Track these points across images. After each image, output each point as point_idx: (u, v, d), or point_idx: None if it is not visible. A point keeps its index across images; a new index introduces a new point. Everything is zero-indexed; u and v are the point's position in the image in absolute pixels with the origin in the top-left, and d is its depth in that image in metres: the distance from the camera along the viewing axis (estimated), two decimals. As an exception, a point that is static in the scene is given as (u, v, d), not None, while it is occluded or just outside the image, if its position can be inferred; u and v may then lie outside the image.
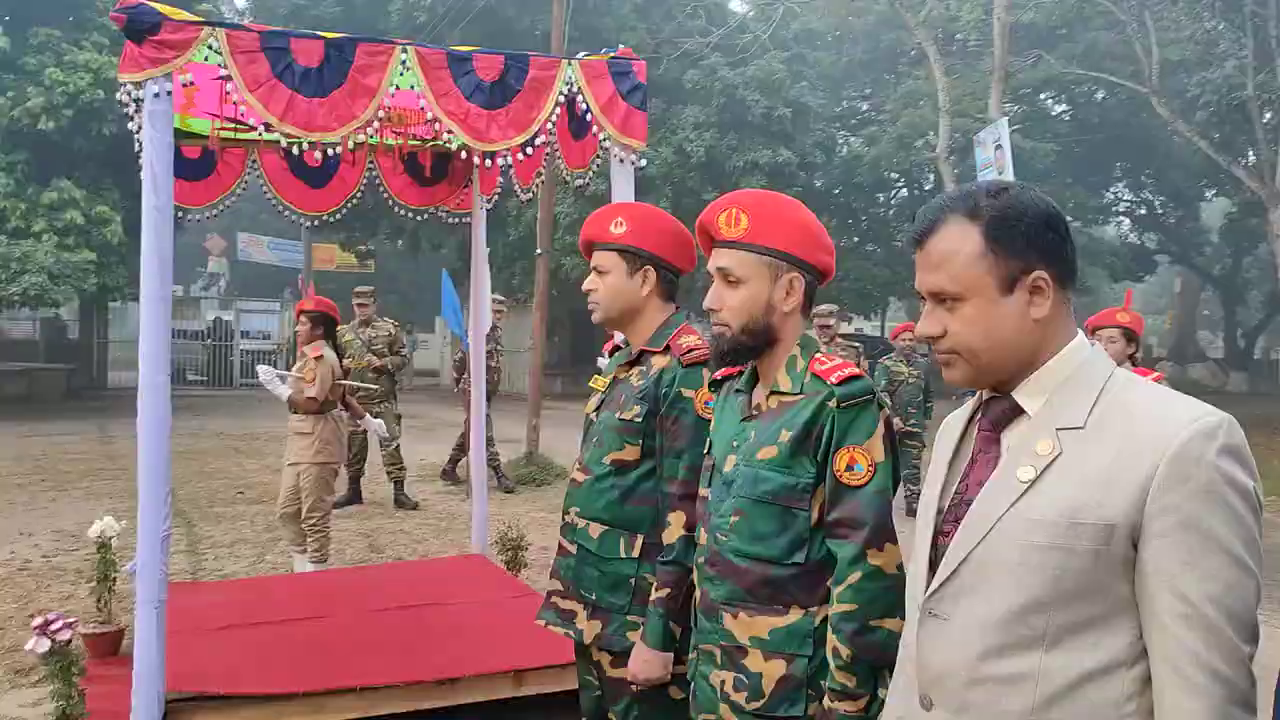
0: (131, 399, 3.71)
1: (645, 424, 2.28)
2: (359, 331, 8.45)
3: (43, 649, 3.28)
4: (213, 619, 4.38)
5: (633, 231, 2.37)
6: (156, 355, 3.32)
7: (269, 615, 4.43)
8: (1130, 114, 26.91)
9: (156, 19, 3.21)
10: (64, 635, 3.32)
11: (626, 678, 2.27)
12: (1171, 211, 32.82)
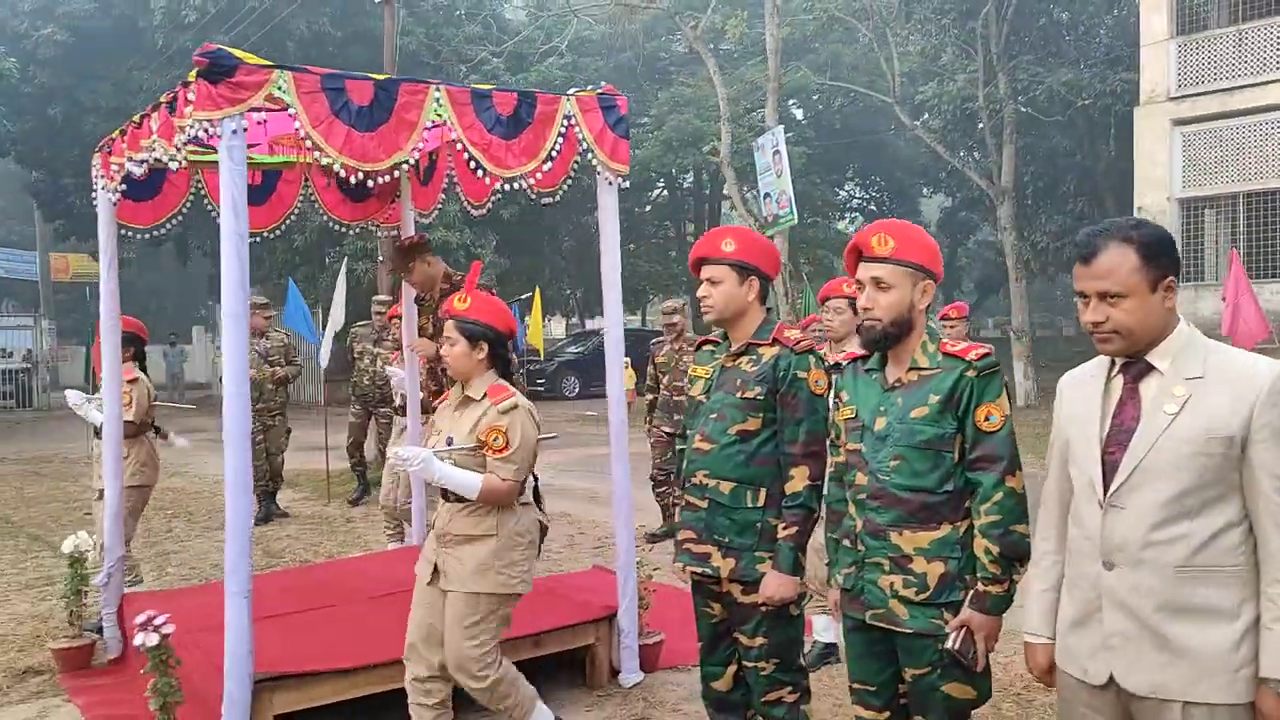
0: None
1: (765, 401, 2.94)
2: (255, 343, 8.42)
3: (152, 643, 3.47)
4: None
5: (740, 249, 3.01)
6: (239, 369, 3.58)
7: (293, 605, 4.66)
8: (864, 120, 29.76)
9: (234, 63, 3.50)
10: (167, 629, 3.52)
11: (757, 601, 2.93)
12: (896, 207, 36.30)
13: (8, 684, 4.76)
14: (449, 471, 3.28)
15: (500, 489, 3.30)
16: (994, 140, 19.15)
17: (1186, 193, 17.00)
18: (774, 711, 2.99)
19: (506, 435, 3.30)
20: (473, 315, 3.42)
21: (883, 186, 35.27)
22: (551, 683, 4.55)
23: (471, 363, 3.41)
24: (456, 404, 3.50)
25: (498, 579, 3.34)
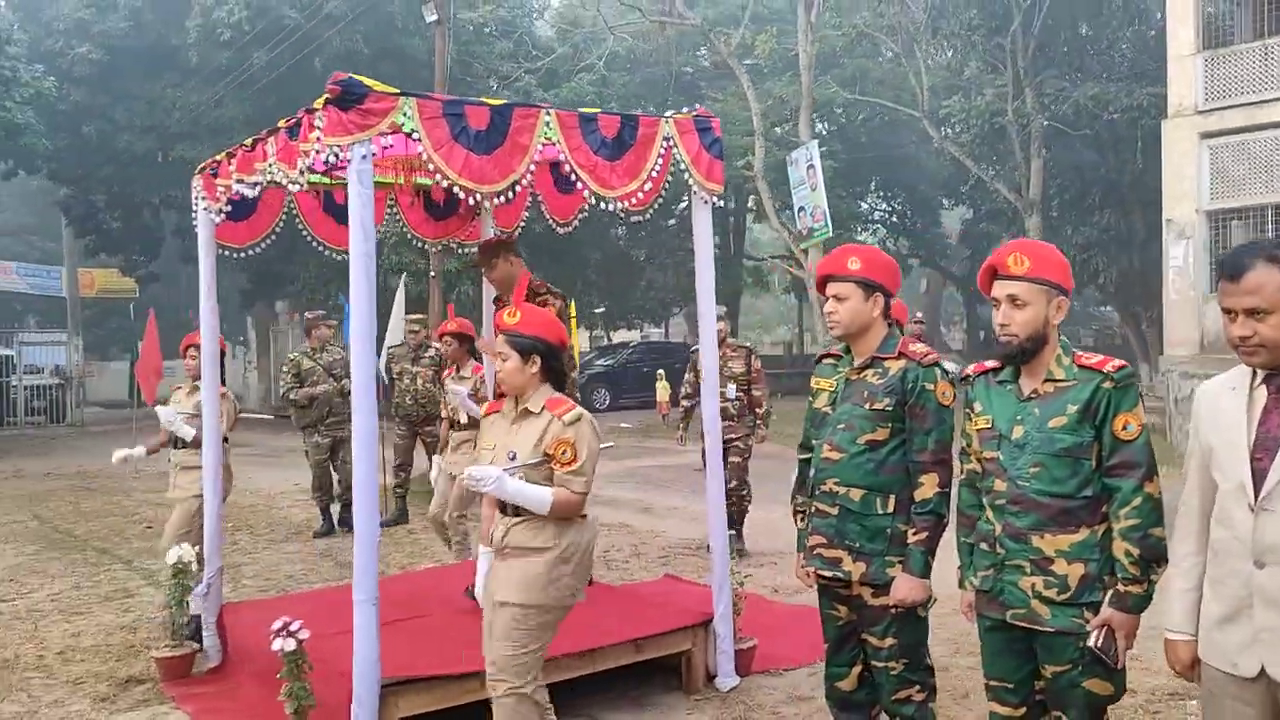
0: None
1: (894, 412, 3.07)
2: (317, 357, 8.58)
3: (290, 648, 3.61)
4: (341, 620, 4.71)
5: (865, 267, 3.15)
6: (367, 382, 3.73)
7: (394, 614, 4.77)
8: (888, 133, 29.91)
9: (364, 90, 3.66)
10: (303, 635, 3.66)
11: (888, 603, 3.05)
12: (917, 220, 36.35)
13: (113, 692, 4.90)
14: (522, 488, 3.28)
15: (572, 501, 3.31)
16: (1022, 154, 19.26)
17: (1215, 205, 17.06)
18: (903, 710, 3.11)
19: (574, 447, 3.31)
20: (522, 329, 3.41)
21: (905, 199, 35.39)
22: (647, 686, 4.69)
23: (525, 377, 3.39)
24: (514, 418, 3.47)
25: (546, 592, 3.32)
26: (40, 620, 6.22)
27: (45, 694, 4.88)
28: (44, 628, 6.04)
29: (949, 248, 38.98)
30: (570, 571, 3.38)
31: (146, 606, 6.51)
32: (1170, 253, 17.31)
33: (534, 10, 25.21)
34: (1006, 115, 18.68)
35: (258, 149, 4.39)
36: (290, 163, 4.05)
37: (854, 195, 32.35)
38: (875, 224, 37.49)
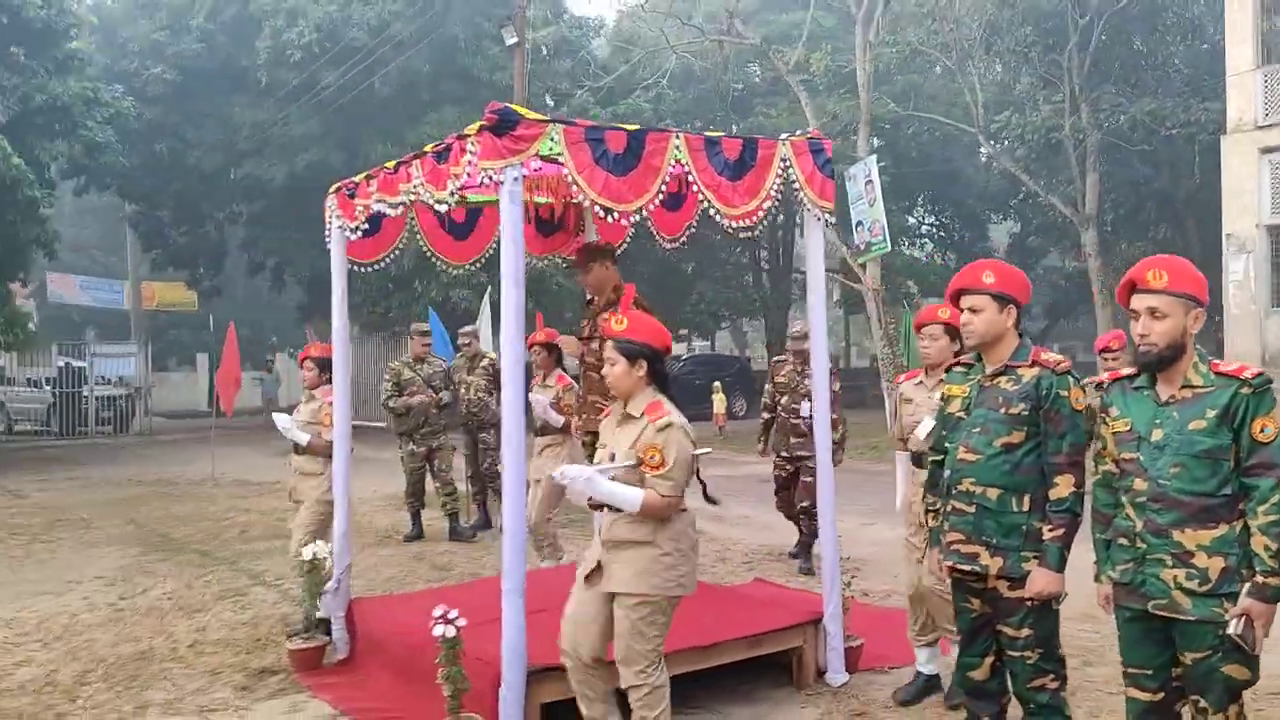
0: None
1: (1029, 416, 3.28)
2: (417, 368, 8.91)
3: (449, 635, 3.88)
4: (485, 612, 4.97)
5: (999, 280, 3.38)
6: (517, 391, 4.00)
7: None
8: (937, 147, 29.97)
9: (517, 118, 3.95)
10: (460, 622, 3.93)
11: (1024, 596, 3.26)
12: (965, 233, 36.30)
13: (250, 682, 5.19)
14: (612, 488, 3.49)
15: (658, 504, 3.50)
16: (1078, 168, 19.31)
17: (1275, 219, 17.04)
18: (1037, 697, 3.31)
19: (663, 453, 3.51)
20: (630, 335, 3.64)
21: (952, 213, 35.38)
22: (756, 682, 4.90)
23: (631, 380, 3.61)
24: (619, 420, 3.72)
25: (657, 580, 3.53)
26: (164, 616, 6.56)
27: (188, 683, 5.19)
28: (169, 623, 6.38)
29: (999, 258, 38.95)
30: (676, 562, 3.61)
31: (260, 604, 6.83)
32: (1230, 267, 17.29)
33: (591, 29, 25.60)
34: (1063, 130, 18.76)
35: (401, 171, 4.69)
36: (438, 184, 4.34)
37: (902, 209, 32.42)
38: (923, 238, 37.52)
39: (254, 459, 17.27)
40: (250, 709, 4.82)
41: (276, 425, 6.15)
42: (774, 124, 25.46)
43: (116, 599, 7.10)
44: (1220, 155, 17.48)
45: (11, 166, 15.61)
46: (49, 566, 8.30)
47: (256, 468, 15.85)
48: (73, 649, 5.81)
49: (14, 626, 6.36)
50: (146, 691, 5.04)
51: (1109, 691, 4.63)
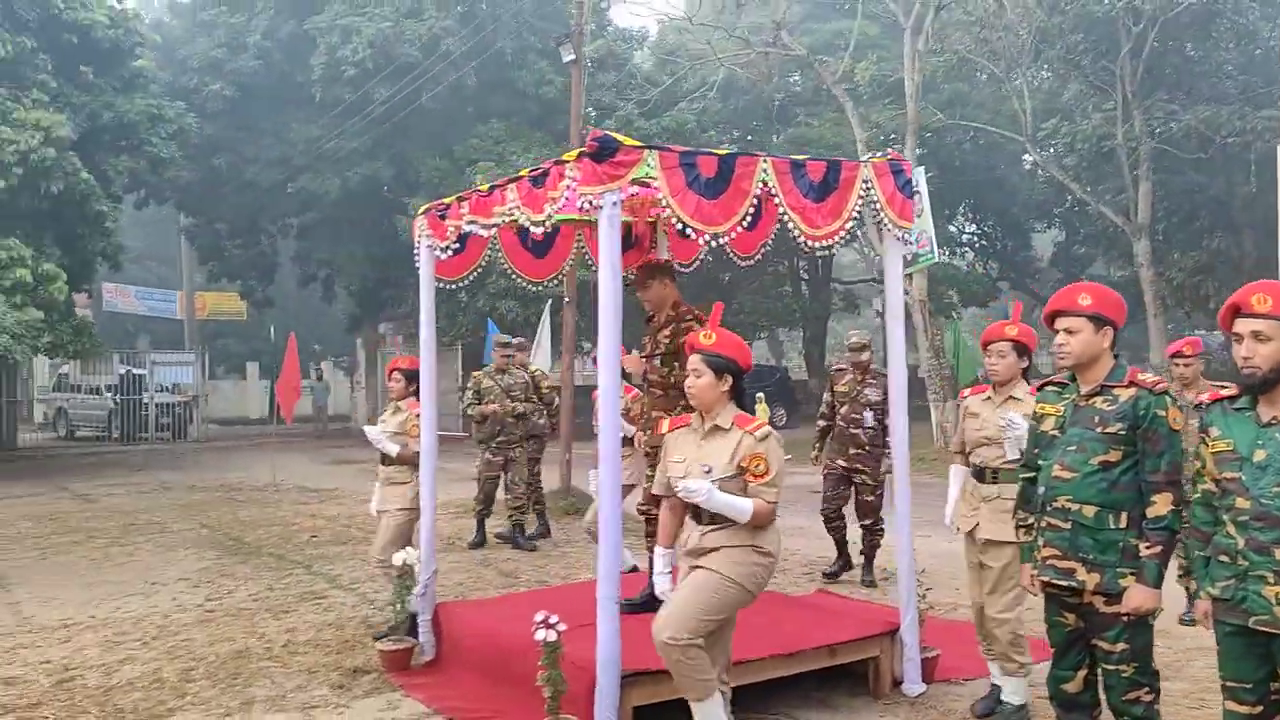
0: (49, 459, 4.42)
1: (1126, 436, 3.38)
2: (498, 378, 9.09)
3: (551, 639, 4.05)
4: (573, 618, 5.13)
5: (1096, 303, 3.48)
6: (613, 404, 4.16)
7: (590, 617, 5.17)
8: (981, 156, 29.86)
9: (616, 145, 4.12)
10: (561, 627, 4.09)
11: (1120, 611, 3.35)
12: (1008, 241, 36.09)
13: (345, 681, 5.39)
14: (729, 500, 3.64)
15: (766, 511, 3.68)
16: (1130, 176, 19.20)
17: (1335, 229, 16.83)
18: (1133, 710, 3.40)
19: (767, 461, 3.68)
20: (717, 349, 3.80)
21: (995, 222, 35.19)
22: (830, 691, 5.02)
23: (716, 394, 3.78)
24: (704, 433, 3.84)
25: (741, 570, 3.70)
26: (252, 617, 6.79)
27: (286, 681, 5.40)
28: (259, 624, 6.61)
29: (1039, 270, 38.65)
30: (761, 560, 3.78)
31: (340, 607, 7.05)
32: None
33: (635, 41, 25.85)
34: (1115, 139, 18.67)
35: (495, 194, 4.88)
36: (535, 207, 4.52)
37: (943, 218, 32.30)
38: (964, 247, 37.33)
39: (309, 466, 17.64)
40: (349, 706, 5.01)
41: (368, 437, 6.33)
42: (816, 134, 25.58)
43: (204, 600, 7.36)
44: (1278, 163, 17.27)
45: (81, 181, 16.11)
46: (130, 568, 8.59)
47: (313, 474, 16.19)
48: (172, 648, 6.05)
49: (111, 625, 6.62)
50: (249, 689, 5.26)
51: (1189, 706, 4.70)
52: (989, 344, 4.72)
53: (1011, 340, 4.65)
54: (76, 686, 5.35)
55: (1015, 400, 4.62)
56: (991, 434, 4.62)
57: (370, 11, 21.26)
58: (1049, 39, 19.95)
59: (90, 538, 10.22)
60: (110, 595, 7.55)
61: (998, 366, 4.68)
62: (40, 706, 5.03)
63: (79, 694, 5.22)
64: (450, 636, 5.61)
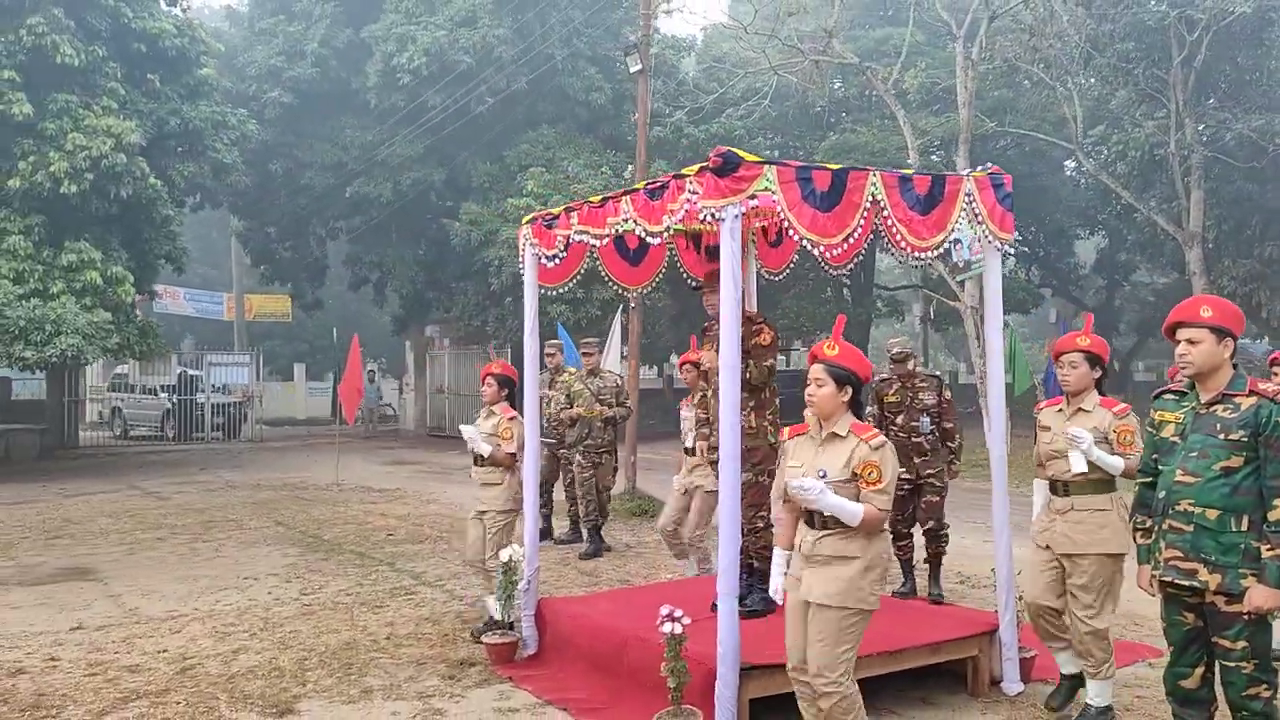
0: (110, 458, 4.60)
1: (1248, 443, 3.52)
2: (587, 382, 9.15)
3: (676, 631, 4.24)
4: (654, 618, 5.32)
5: (1217, 315, 3.63)
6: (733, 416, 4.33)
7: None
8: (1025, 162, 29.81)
9: (739, 161, 4.31)
10: (685, 621, 4.28)
11: (1242, 611, 3.49)
12: (1051, 248, 35.96)
13: (453, 672, 5.61)
14: (841, 503, 3.76)
15: (876, 517, 3.82)
16: (1181, 184, 19.16)
17: (1393, 237, 16.76)
18: (1251, 705, 3.54)
19: (880, 469, 3.82)
20: (840, 361, 3.96)
21: (1037, 228, 35.10)
22: (933, 689, 5.17)
23: (836, 403, 3.93)
24: (821, 440, 4.00)
25: (860, 594, 3.81)
26: (350, 611, 7.04)
27: (398, 671, 5.63)
28: (359, 618, 6.85)
29: (1082, 277, 38.48)
30: (876, 578, 3.91)
31: (432, 603, 7.28)
32: (1344, 287, 17.00)
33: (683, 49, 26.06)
34: (1168, 147, 18.64)
35: (609, 206, 5.08)
36: (651, 219, 4.72)
37: (989, 225, 32.30)
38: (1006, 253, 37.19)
39: (366, 466, 17.96)
40: (464, 695, 5.23)
41: (463, 436, 6.55)
42: (862, 140, 25.65)
43: (298, 594, 7.61)
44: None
45: (149, 186, 16.53)
46: (218, 563, 8.88)
47: (373, 475, 16.50)
48: (281, 639, 6.31)
49: (216, 617, 6.90)
50: (364, 679, 5.49)
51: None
52: (1061, 355, 4.82)
53: (1084, 351, 4.75)
54: (200, 674, 5.61)
55: (1084, 412, 4.75)
56: (1061, 447, 4.73)
57: (425, 20, 21.62)
58: (1099, 46, 19.94)
59: (174, 534, 10.53)
60: (207, 589, 7.83)
61: (1070, 377, 4.78)
62: (169, 693, 5.29)
63: (204, 681, 5.47)
64: (554, 631, 5.82)
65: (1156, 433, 3.81)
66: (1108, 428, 4.69)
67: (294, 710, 5.02)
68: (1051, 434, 4.82)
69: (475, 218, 22.49)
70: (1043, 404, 5.09)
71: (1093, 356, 4.76)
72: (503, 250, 21.34)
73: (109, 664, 5.83)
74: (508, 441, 6.40)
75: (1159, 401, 3.88)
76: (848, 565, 3.85)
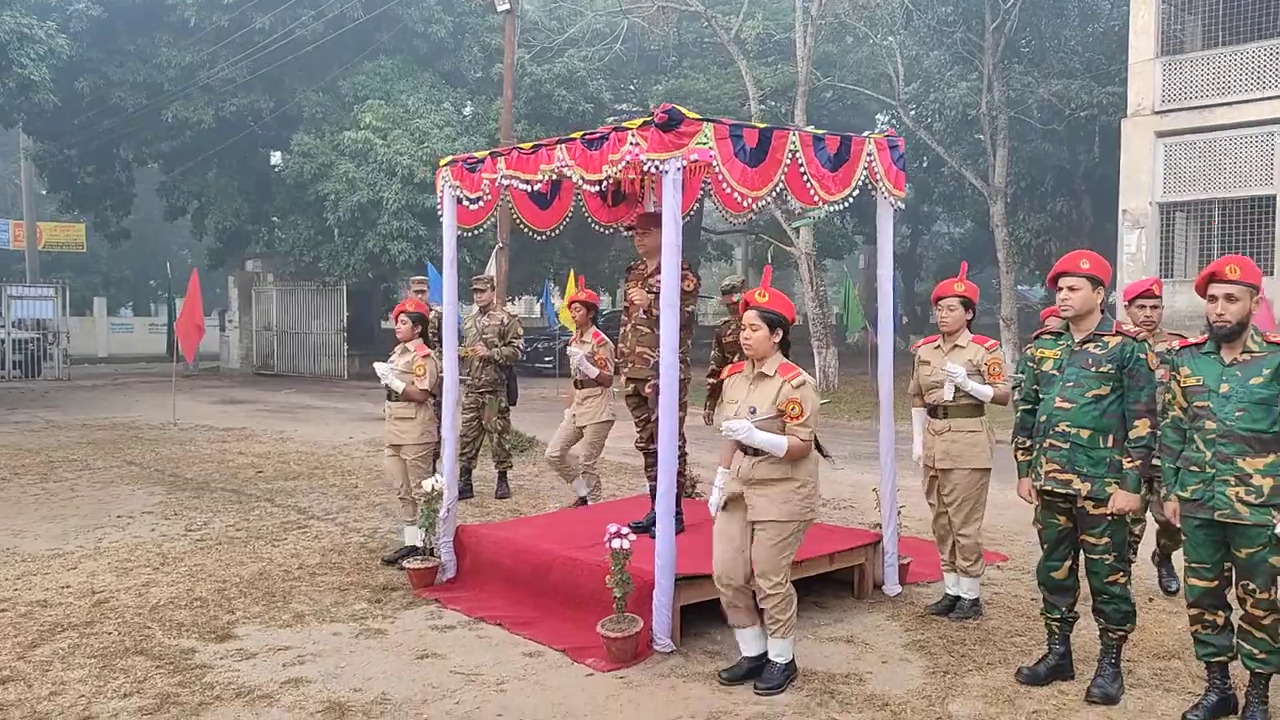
0: None
1: (1114, 374, 4.23)
2: (476, 320, 8.91)
3: (624, 547, 4.63)
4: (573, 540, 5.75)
5: (1093, 268, 4.30)
6: (672, 356, 4.74)
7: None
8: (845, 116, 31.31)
9: (681, 117, 4.67)
10: (631, 538, 4.69)
11: (1105, 512, 4.23)
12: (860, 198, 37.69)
13: (378, 596, 5.84)
14: (766, 436, 4.24)
15: (800, 448, 4.32)
16: (989, 143, 20.79)
17: (1166, 198, 18.81)
18: (1112, 589, 4.30)
19: (801, 405, 4.34)
20: (771, 306, 4.44)
21: (852, 179, 36.95)
22: (819, 595, 5.82)
23: (768, 345, 4.42)
24: (752, 379, 4.48)
25: (799, 509, 4.41)
26: (247, 545, 7.08)
27: (322, 597, 5.80)
28: (260, 551, 6.92)
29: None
30: (809, 494, 4.46)
31: (329, 535, 7.40)
32: (1124, 240, 18.99)
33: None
34: (980, 108, 20.16)
35: (541, 153, 5.35)
36: (589, 167, 5.03)
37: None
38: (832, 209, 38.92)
39: (198, 405, 17.36)
40: (396, 616, 5.49)
41: (377, 373, 6.68)
42: (697, 87, 26.29)
43: (184, 531, 7.56)
44: (1120, 137, 19.10)
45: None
46: (80, 504, 8.60)
47: (210, 414, 16.01)
48: (188, 571, 6.33)
49: (108, 554, 6.80)
50: (290, 604, 5.64)
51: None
52: (940, 299, 5.49)
53: (959, 295, 5.44)
54: (119, 606, 5.61)
55: (959, 349, 5.47)
56: (939, 378, 5.44)
57: (251, -64, 20.53)
58: (920, 7, 21.24)
59: (15, 475, 10.05)
60: (82, 528, 7.64)
61: (947, 318, 5.49)
62: (95, 624, 5.29)
63: (126, 613, 5.49)
64: (473, 556, 6.13)
65: (1037, 367, 4.50)
66: (980, 361, 5.40)
67: (233, 635, 5.15)
68: (931, 367, 5.49)
69: (308, 149, 21.76)
70: (920, 342, 5.77)
71: (966, 300, 5.45)
72: (339, 184, 20.81)
73: (13, 600, 5.73)
74: (421, 378, 6.59)
75: (1039, 341, 4.57)
76: (786, 485, 4.37)
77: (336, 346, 24.65)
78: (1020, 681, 4.47)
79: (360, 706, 4.23)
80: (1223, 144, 18.10)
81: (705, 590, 5.05)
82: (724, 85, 25.57)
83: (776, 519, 4.37)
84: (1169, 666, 4.69)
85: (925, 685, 4.48)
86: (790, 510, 4.38)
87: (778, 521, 4.37)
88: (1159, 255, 18.83)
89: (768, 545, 4.39)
